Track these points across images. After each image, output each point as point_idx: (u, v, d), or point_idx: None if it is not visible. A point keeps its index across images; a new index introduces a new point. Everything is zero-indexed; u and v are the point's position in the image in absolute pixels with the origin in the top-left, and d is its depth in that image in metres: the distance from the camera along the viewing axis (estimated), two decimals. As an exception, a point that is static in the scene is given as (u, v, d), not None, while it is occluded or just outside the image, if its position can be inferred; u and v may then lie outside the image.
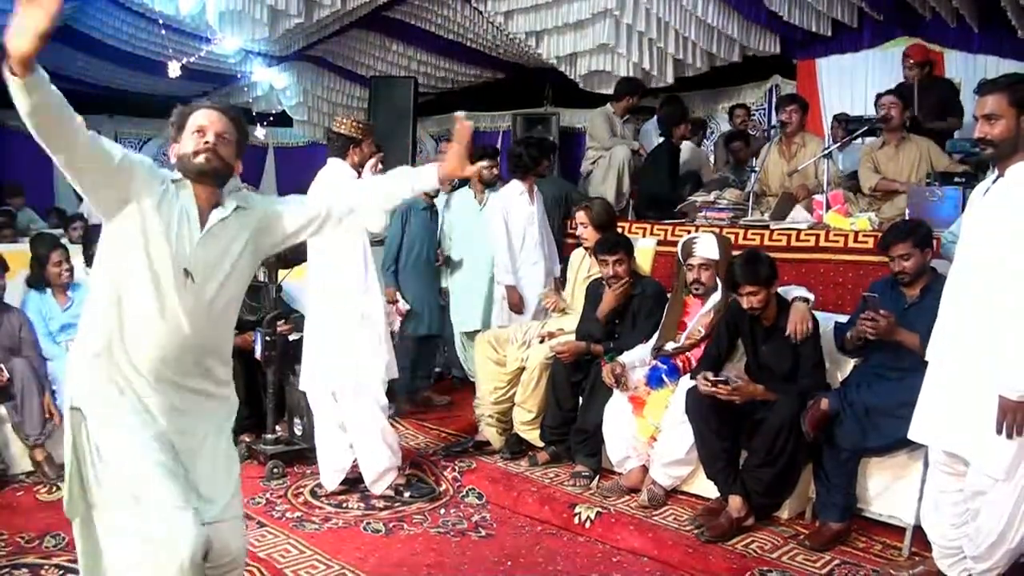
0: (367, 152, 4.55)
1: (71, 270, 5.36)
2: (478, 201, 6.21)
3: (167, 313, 2.48)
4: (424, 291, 6.21)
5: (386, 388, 4.59)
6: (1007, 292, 2.99)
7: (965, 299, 3.15)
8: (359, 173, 4.54)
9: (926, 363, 3.33)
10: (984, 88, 3.14)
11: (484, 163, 5.66)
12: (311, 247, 4.47)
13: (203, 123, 2.59)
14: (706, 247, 4.65)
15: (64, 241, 6.11)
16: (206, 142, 2.56)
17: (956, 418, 3.14)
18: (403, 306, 6.00)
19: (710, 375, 4.11)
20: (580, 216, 5.34)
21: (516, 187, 5.87)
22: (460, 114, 3.01)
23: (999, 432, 2.97)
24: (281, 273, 5.25)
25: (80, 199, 11.49)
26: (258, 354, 4.96)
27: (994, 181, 3.16)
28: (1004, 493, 3.08)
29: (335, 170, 4.49)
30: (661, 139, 7.12)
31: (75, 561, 3.79)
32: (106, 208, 2.49)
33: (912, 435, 3.34)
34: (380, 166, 4.50)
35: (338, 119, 4.63)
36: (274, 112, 11.66)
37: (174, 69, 8.58)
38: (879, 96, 6.03)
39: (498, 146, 11.00)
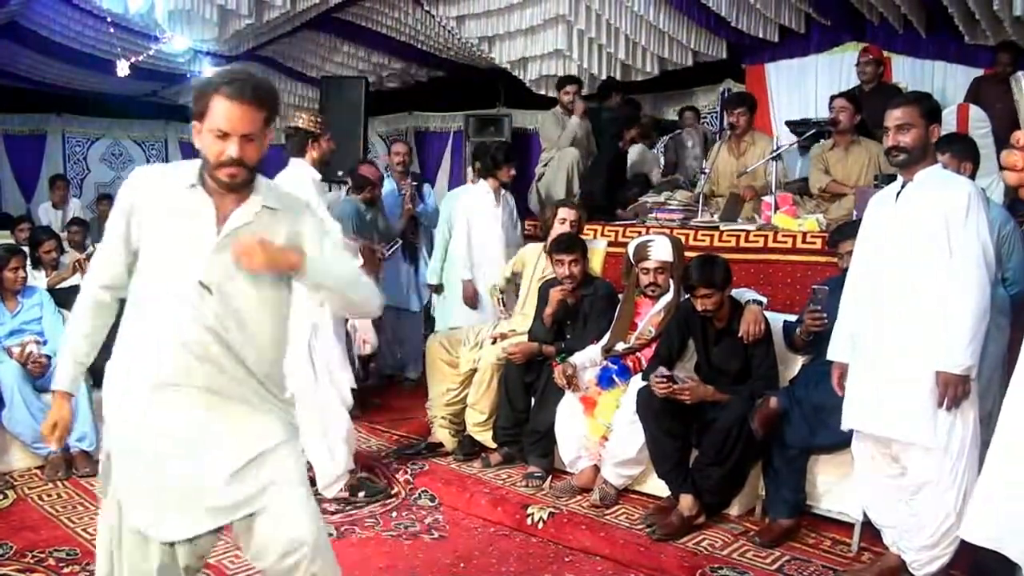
0: (326, 148, 4.47)
1: (25, 277, 5.29)
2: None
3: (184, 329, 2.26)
4: None
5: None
6: (944, 280, 3.13)
7: (882, 296, 3.30)
8: (322, 172, 4.46)
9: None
10: (895, 102, 3.34)
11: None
12: None
13: (223, 127, 2.17)
14: (661, 250, 4.67)
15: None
16: (229, 157, 2.18)
17: (885, 405, 3.26)
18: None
19: (663, 370, 4.13)
20: (568, 213, 5.27)
21: (483, 186, 6.06)
22: None
23: (940, 405, 3.13)
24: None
25: (28, 200, 11.34)
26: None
27: (903, 186, 3.31)
28: (956, 470, 3.17)
29: (297, 172, 4.33)
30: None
31: (23, 572, 3.75)
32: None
33: (845, 425, 3.46)
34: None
35: (295, 113, 4.50)
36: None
37: (123, 68, 8.44)
38: (833, 98, 6.12)
39: (449, 146, 11.03)
